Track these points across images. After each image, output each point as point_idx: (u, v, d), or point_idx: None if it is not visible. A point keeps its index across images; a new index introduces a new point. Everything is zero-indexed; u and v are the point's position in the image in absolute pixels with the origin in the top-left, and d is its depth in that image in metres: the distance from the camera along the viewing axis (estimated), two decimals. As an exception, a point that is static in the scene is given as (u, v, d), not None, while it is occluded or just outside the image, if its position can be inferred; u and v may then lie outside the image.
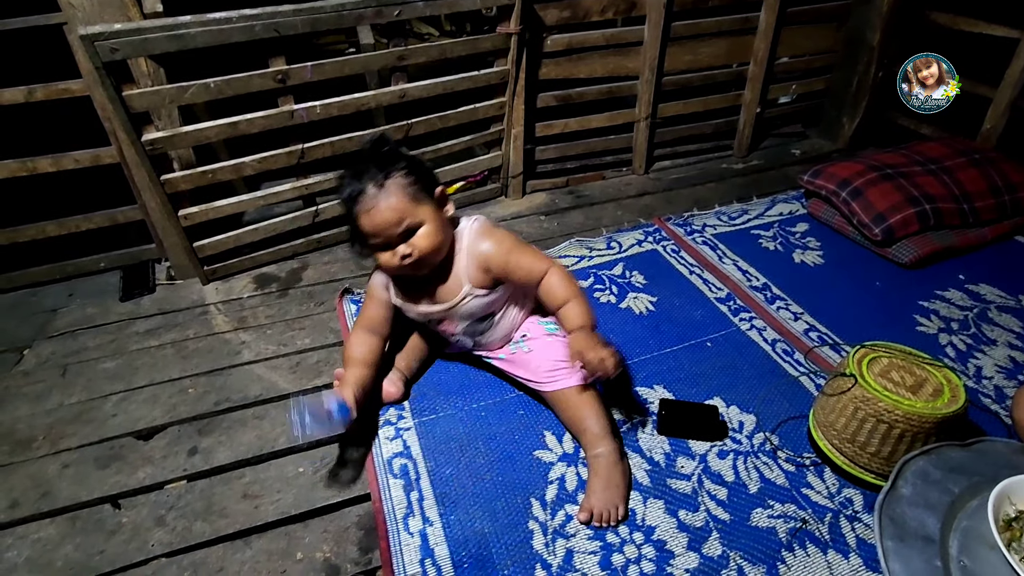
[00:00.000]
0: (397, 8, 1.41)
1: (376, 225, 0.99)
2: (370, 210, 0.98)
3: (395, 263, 1.03)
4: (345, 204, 1.02)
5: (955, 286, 1.53)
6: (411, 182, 1.01)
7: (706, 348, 1.37)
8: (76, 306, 1.63)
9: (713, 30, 1.99)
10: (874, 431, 0.97)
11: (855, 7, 2.08)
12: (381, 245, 1.03)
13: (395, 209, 0.98)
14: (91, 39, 1.14)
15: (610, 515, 0.98)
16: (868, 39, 2.06)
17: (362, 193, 0.98)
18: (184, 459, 1.16)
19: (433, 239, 1.03)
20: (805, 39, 2.13)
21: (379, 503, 1.04)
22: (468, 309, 1.12)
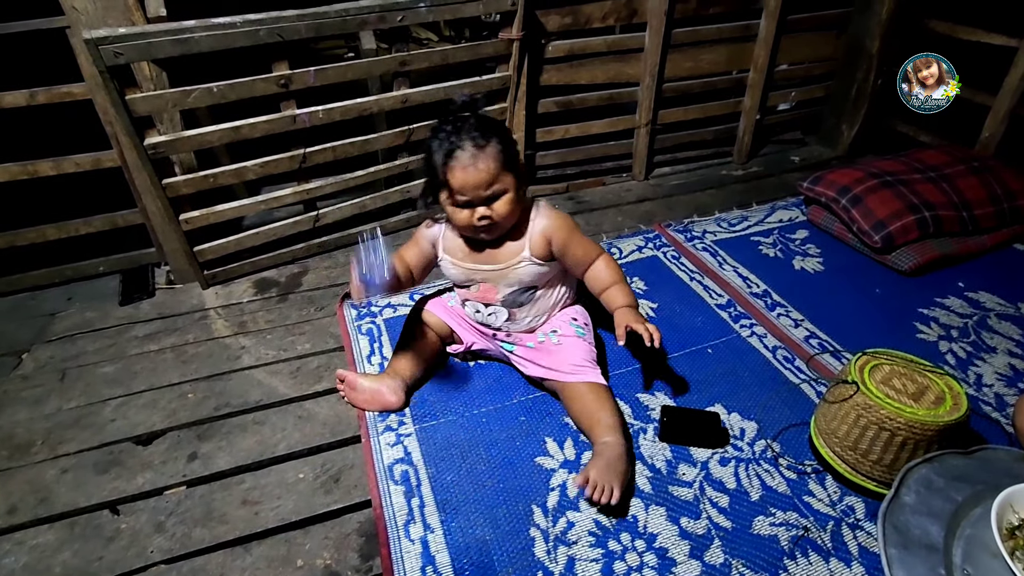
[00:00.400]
0: (400, 13, 1.42)
1: (467, 183, 1.03)
2: (466, 167, 1.03)
3: (471, 223, 1.08)
4: (437, 155, 1.05)
5: (955, 293, 1.54)
6: (506, 150, 1.06)
7: (707, 355, 1.37)
8: (75, 310, 1.63)
9: (714, 37, 2.00)
10: (876, 439, 0.97)
11: (855, 15, 2.10)
12: (462, 203, 1.07)
13: (489, 172, 1.03)
14: (95, 43, 1.14)
15: (603, 490, 0.96)
16: (867, 47, 2.07)
17: (460, 149, 1.02)
18: (184, 464, 1.16)
19: (512, 207, 1.08)
20: (805, 46, 2.14)
21: (380, 510, 1.03)
22: (518, 275, 1.16)
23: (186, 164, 1.53)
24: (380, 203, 1.81)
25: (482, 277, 1.18)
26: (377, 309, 1.55)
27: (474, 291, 1.22)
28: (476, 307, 1.25)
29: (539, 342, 1.23)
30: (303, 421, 1.25)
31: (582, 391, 1.13)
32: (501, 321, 1.24)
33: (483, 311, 1.24)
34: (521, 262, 1.15)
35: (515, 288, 1.19)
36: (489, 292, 1.20)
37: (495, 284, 1.19)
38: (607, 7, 1.82)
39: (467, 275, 1.19)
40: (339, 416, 1.25)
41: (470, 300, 1.24)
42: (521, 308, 1.22)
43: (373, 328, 1.49)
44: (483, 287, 1.20)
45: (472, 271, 1.18)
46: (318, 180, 1.66)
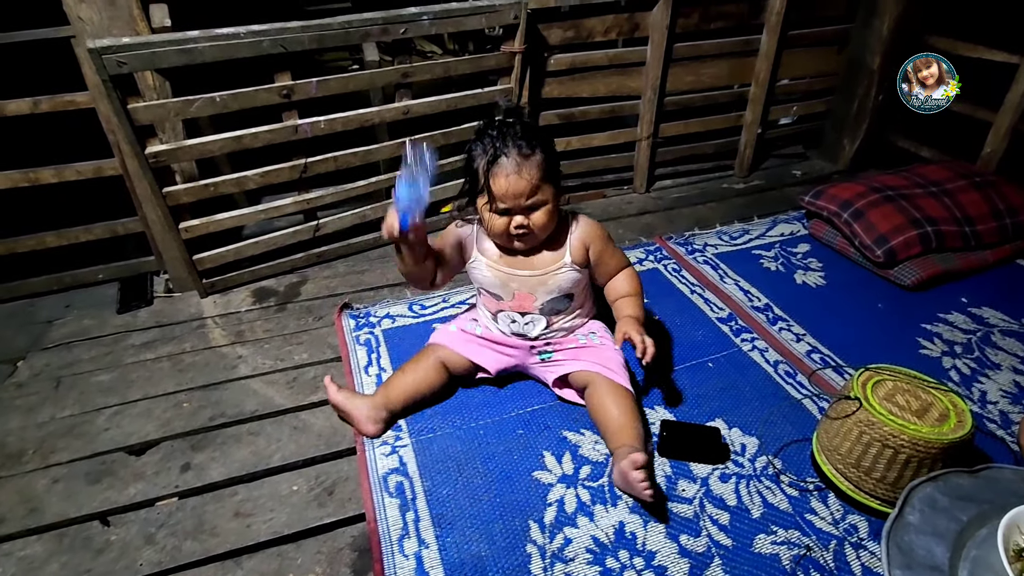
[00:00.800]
0: (403, 26, 1.43)
1: (509, 191, 1.03)
2: (509, 175, 1.02)
3: (507, 231, 1.08)
4: (480, 160, 1.05)
5: (958, 309, 1.52)
6: (549, 161, 1.06)
7: (708, 368, 1.36)
8: (72, 318, 1.62)
9: (715, 52, 2.01)
10: (879, 456, 0.95)
11: (855, 31, 2.11)
12: (501, 210, 1.06)
13: (532, 182, 1.03)
14: (99, 52, 1.14)
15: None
16: (868, 63, 2.08)
17: (505, 156, 1.02)
18: (176, 475, 1.14)
19: (550, 219, 1.09)
20: (806, 61, 2.15)
21: (374, 523, 1.02)
22: (558, 281, 1.16)
23: (187, 173, 1.53)
24: (381, 213, 1.80)
25: (518, 286, 1.17)
26: (376, 319, 1.55)
27: (508, 300, 1.19)
28: (512, 317, 1.21)
29: (580, 343, 1.23)
30: (298, 432, 1.23)
31: (622, 393, 1.13)
32: (539, 330, 1.22)
33: (520, 321, 1.21)
34: (562, 268, 1.16)
35: (554, 295, 1.18)
36: (526, 300, 1.18)
37: (533, 291, 1.17)
38: (609, 21, 1.84)
39: (503, 280, 1.17)
40: (335, 427, 1.24)
41: (504, 311, 1.21)
42: (559, 316, 1.22)
43: (371, 339, 1.48)
44: (519, 296, 1.18)
45: (509, 276, 1.17)
46: (319, 190, 1.66)
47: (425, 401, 1.23)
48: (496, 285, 1.19)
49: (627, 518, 1.02)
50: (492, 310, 1.24)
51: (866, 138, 2.20)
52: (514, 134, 1.04)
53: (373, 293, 1.69)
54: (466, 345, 1.25)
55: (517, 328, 1.23)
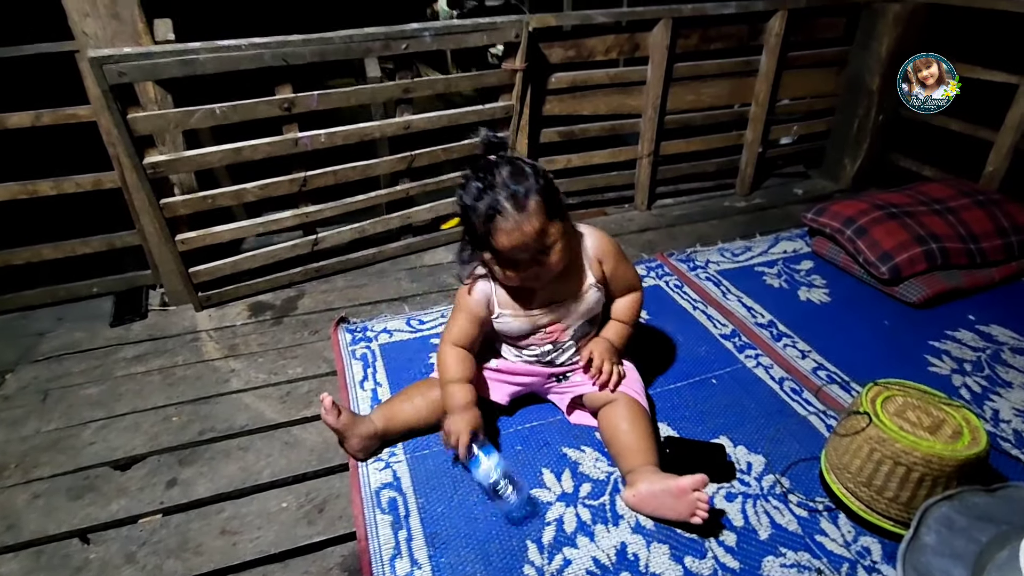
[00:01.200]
0: (405, 42, 1.44)
1: (515, 246, 0.96)
2: (511, 232, 0.94)
3: (518, 279, 1.02)
4: (476, 217, 0.96)
5: (965, 326, 1.49)
6: (548, 200, 0.97)
7: (711, 385, 1.32)
8: (64, 330, 1.60)
9: (715, 72, 2.02)
10: (891, 475, 0.91)
11: (854, 53, 2.13)
12: (507, 262, 1.00)
13: (537, 231, 0.95)
14: (99, 62, 1.14)
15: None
16: (868, 83, 2.09)
17: (500, 213, 0.93)
18: (162, 491, 1.10)
19: (565, 257, 1.02)
20: (806, 82, 2.17)
21: (365, 542, 0.97)
22: (587, 303, 1.13)
23: (186, 186, 1.53)
24: (380, 228, 1.80)
25: (549, 320, 1.12)
26: (373, 334, 1.52)
27: (539, 336, 1.14)
28: (543, 348, 1.16)
29: None
30: (289, 447, 1.19)
31: (642, 413, 1.09)
32: (567, 356, 1.18)
33: (550, 350, 1.16)
34: (589, 289, 1.12)
35: (584, 319, 1.15)
36: (558, 331, 1.14)
37: (564, 322, 1.13)
38: (609, 41, 1.85)
39: (532, 323, 1.11)
40: (327, 443, 1.20)
41: (534, 344, 1.15)
42: (586, 338, 1.18)
43: (368, 353, 1.45)
44: (550, 328, 1.13)
45: (537, 317, 1.11)
46: (318, 204, 1.65)
47: (424, 431, 1.18)
48: (527, 328, 1.12)
49: (629, 538, 0.98)
50: (520, 345, 1.17)
51: (867, 157, 2.20)
52: (503, 182, 0.94)
53: (371, 308, 1.66)
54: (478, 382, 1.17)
55: (545, 357, 1.18)
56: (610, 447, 1.11)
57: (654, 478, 0.99)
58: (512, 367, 1.20)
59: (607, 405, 1.13)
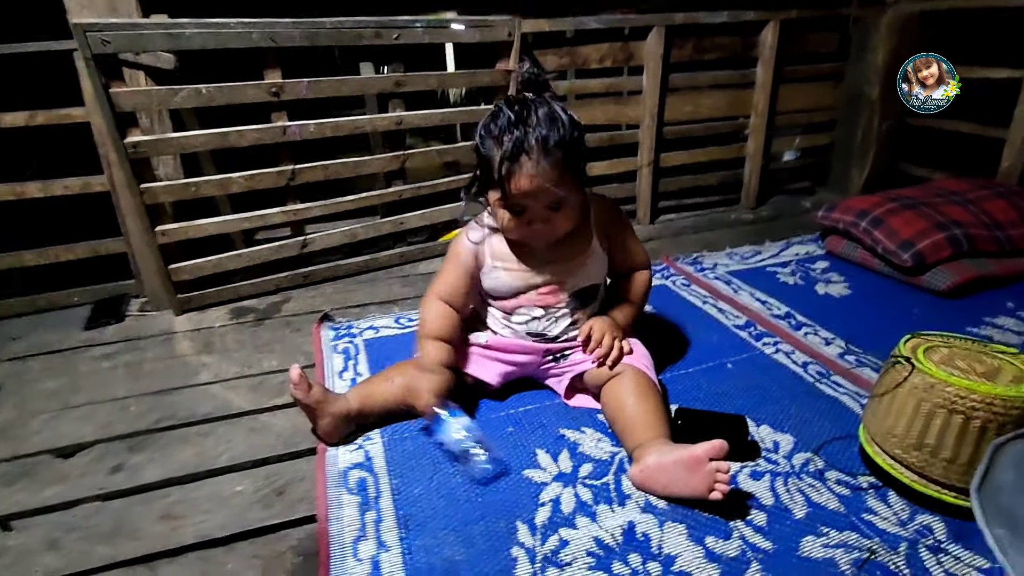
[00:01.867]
0: (397, 31, 1.44)
1: (527, 192, 0.90)
2: (530, 175, 0.88)
3: (521, 230, 0.96)
4: (495, 150, 0.89)
5: (1006, 313, 1.36)
6: (575, 156, 0.92)
7: (727, 369, 1.19)
8: (36, 335, 1.51)
9: (711, 83, 2.02)
10: (947, 428, 0.77)
11: (850, 67, 2.13)
12: (516, 210, 0.93)
13: (553, 181, 0.89)
14: (83, 29, 1.14)
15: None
16: (867, 93, 2.07)
17: (525, 153, 0.87)
18: (104, 477, 0.97)
19: (573, 220, 0.97)
20: (804, 96, 2.16)
21: (326, 523, 0.83)
22: (585, 270, 1.05)
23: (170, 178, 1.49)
24: (373, 232, 1.73)
25: (544, 279, 1.03)
26: (358, 331, 1.41)
27: (532, 296, 1.05)
28: (532, 313, 1.06)
29: None
30: (254, 433, 1.07)
31: (652, 385, 0.98)
32: (563, 327, 1.07)
33: (541, 317, 1.06)
34: (590, 255, 1.04)
35: (583, 285, 1.05)
36: (553, 294, 1.04)
37: (560, 284, 1.04)
38: (604, 49, 1.87)
39: (525, 281, 1.03)
40: (296, 428, 1.07)
41: (524, 307, 1.05)
42: (586, 309, 1.08)
43: (350, 347, 1.34)
44: (544, 289, 1.04)
45: (532, 275, 1.03)
46: (307, 202, 1.60)
47: (404, 414, 1.05)
48: (518, 286, 1.04)
49: (638, 518, 0.82)
50: (508, 308, 1.07)
51: (874, 166, 2.15)
52: (537, 122, 0.88)
53: (359, 310, 1.57)
54: (463, 357, 1.08)
55: (537, 327, 1.06)
56: (614, 424, 0.97)
57: (664, 449, 0.85)
58: (503, 343, 1.08)
59: (611, 380, 1.00)
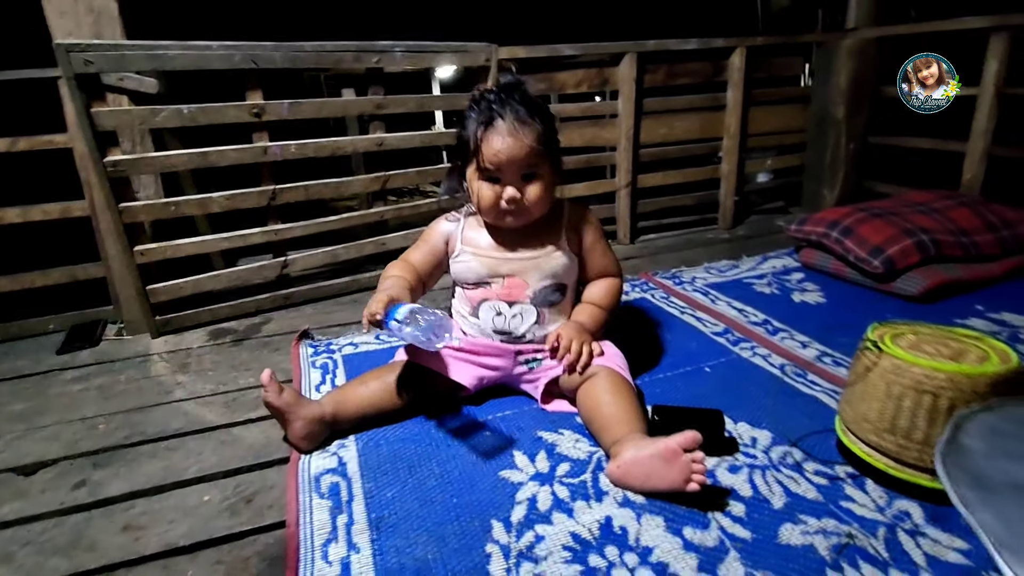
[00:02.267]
0: (376, 55, 1.49)
1: (502, 153, 0.95)
2: (504, 137, 0.95)
3: (498, 202, 0.99)
4: (473, 123, 0.97)
5: (975, 315, 1.38)
6: (549, 133, 1.00)
7: (704, 373, 1.19)
8: (7, 361, 1.48)
9: (684, 106, 2.10)
10: (917, 409, 0.78)
11: (816, 89, 2.22)
12: (492, 176, 0.98)
13: (527, 148, 0.96)
14: (66, 49, 1.16)
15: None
16: (834, 114, 2.16)
17: (501, 118, 0.95)
18: (65, 493, 0.94)
19: (544, 194, 1.01)
20: (774, 117, 2.24)
21: (295, 527, 0.80)
22: (552, 266, 1.06)
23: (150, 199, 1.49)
24: (354, 253, 1.74)
25: (509, 269, 1.06)
26: (336, 347, 1.40)
27: (497, 288, 1.06)
28: (497, 308, 1.07)
29: None
30: (225, 446, 1.04)
31: (626, 384, 0.99)
32: (528, 325, 1.07)
33: (506, 313, 1.06)
34: (557, 251, 1.07)
35: (548, 283, 1.06)
36: (517, 288, 1.06)
37: (525, 277, 1.05)
38: (579, 75, 1.94)
39: (491, 268, 1.06)
40: (269, 439, 1.05)
41: (490, 300, 1.07)
42: (551, 309, 1.08)
43: (329, 362, 1.32)
44: (509, 282, 1.06)
45: (498, 263, 1.06)
46: (289, 223, 1.61)
47: (381, 419, 1.04)
48: (483, 274, 1.06)
49: (616, 512, 0.81)
50: (474, 302, 1.08)
51: (844, 186, 2.21)
52: (514, 99, 0.97)
53: (339, 328, 1.56)
54: (437, 358, 1.07)
55: (503, 323, 1.07)
56: (591, 424, 0.96)
57: (641, 443, 0.84)
58: (475, 344, 1.08)
59: (586, 381, 1.00)
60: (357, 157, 1.69)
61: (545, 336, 1.07)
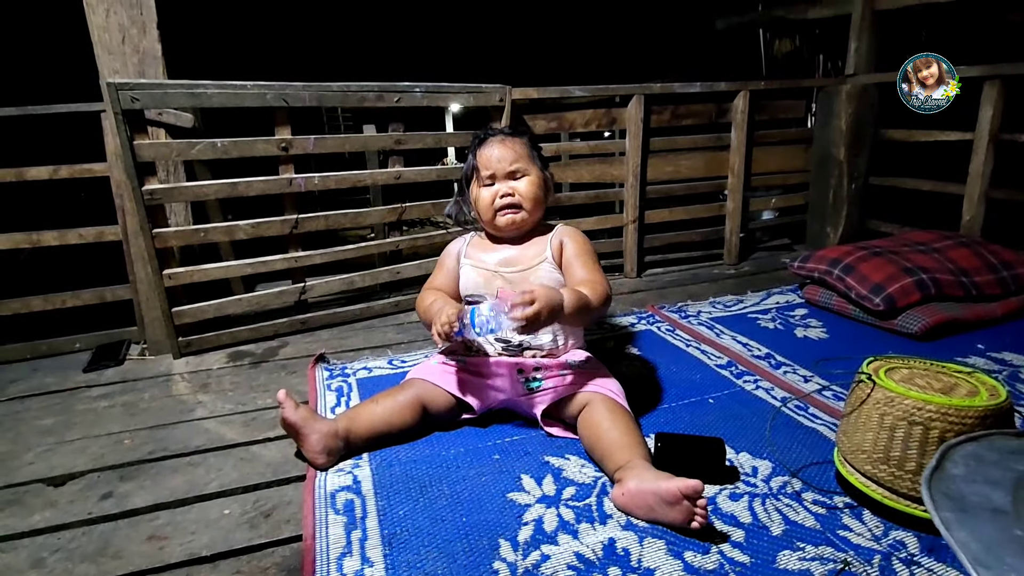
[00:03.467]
0: (397, 95, 1.58)
1: (491, 156, 1.16)
2: (494, 145, 1.17)
3: (494, 202, 1.15)
4: (473, 145, 1.21)
5: (976, 354, 1.41)
6: (533, 147, 1.22)
7: (708, 404, 1.23)
8: (36, 378, 1.54)
9: (689, 145, 2.18)
10: (908, 439, 0.81)
11: (817, 131, 2.30)
12: (487, 180, 1.16)
13: (512, 149, 1.17)
14: (116, 87, 1.26)
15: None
16: (835, 155, 2.23)
17: (492, 135, 1.19)
18: (93, 503, 0.98)
19: (533, 190, 1.17)
20: (777, 157, 2.31)
21: (311, 540, 0.84)
22: (539, 276, 1.16)
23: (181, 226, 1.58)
24: (370, 281, 1.81)
25: (502, 282, 1.17)
26: (351, 371, 1.45)
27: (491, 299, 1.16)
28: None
29: (570, 368, 1.12)
30: (244, 462, 1.08)
31: (622, 412, 1.03)
32: (515, 343, 1.14)
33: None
34: (542, 263, 1.17)
35: None
36: (508, 297, 1.12)
37: (517, 288, 1.11)
38: (588, 115, 2.03)
39: (487, 279, 1.18)
40: (286, 458, 1.09)
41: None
42: None
43: (343, 385, 1.37)
44: (502, 293, 1.12)
45: (492, 275, 1.18)
46: (308, 251, 1.68)
47: (392, 438, 1.09)
48: (480, 285, 1.18)
49: (619, 534, 0.84)
50: None
51: (847, 225, 2.27)
52: (506, 127, 1.25)
53: (354, 354, 1.61)
54: (447, 376, 1.14)
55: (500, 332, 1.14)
56: (593, 451, 1.00)
57: (645, 475, 0.87)
58: (479, 364, 1.15)
59: (584, 410, 1.04)
60: (375, 189, 1.77)
61: (541, 344, 1.14)
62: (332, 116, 2.94)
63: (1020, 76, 1.76)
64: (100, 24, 1.40)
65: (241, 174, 1.53)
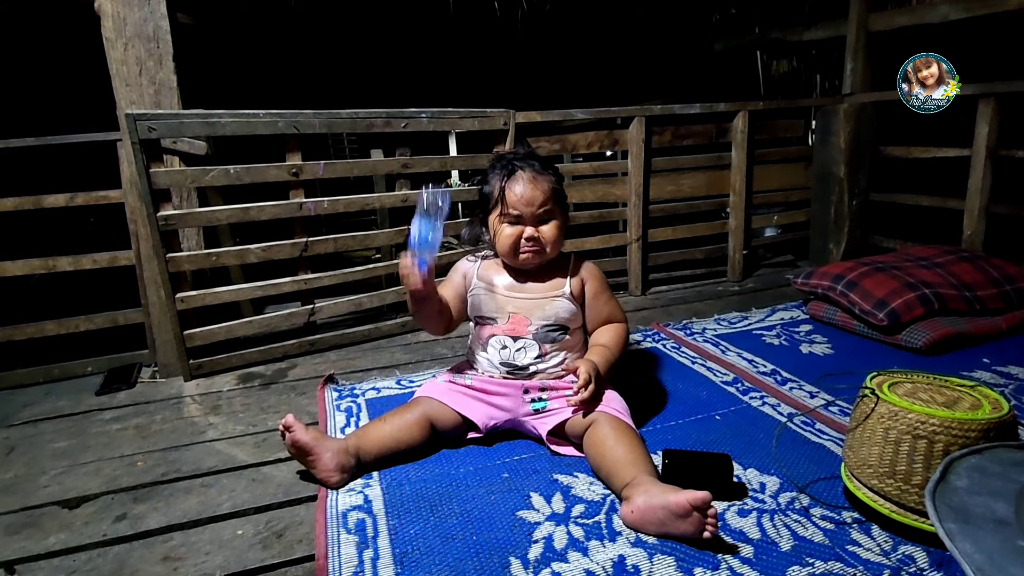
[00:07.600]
0: (404, 120, 1.63)
1: (523, 197, 1.13)
2: (524, 184, 1.13)
3: (518, 241, 1.14)
4: (497, 176, 1.16)
5: (982, 368, 1.42)
6: (559, 187, 1.18)
7: (715, 421, 1.24)
8: (49, 401, 1.56)
9: (691, 165, 2.21)
10: (914, 453, 0.82)
11: (817, 148, 2.33)
12: (514, 219, 1.14)
13: (544, 192, 1.14)
14: (134, 118, 1.31)
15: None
16: (836, 172, 2.25)
17: (522, 170, 1.15)
18: (108, 525, 1.00)
19: (557, 235, 1.17)
20: (778, 175, 2.34)
21: (324, 560, 0.85)
22: (555, 308, 1.18)
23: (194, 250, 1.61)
24: (377, 302, 1.83)
25: (515, 308, 1.18)
26: (360, 391, 1.47)
27: (503, 324, 1.18)
28: (503, 342, 1.18)
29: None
30: (256, 483, 1.10)
31: (629, 430, 1.04)
32: (531, 358, 1.17)
33: (511, 347, 1.17)
34: (559, 296, 1.18)
35: (549, 323, 1.17)
36: (521, 324, 1.17)
37: (528, 315, 1.17)
38: (590, 137, 2.07)
39: (499, 304, 1.19)
40: (298, 479, 1.10)
41: (497, 335, 1.18)
42: (552, 345, 1.18)
43: (353, 406, 1.39)
44: (514, 318, 1.18)
45: (506, 300, 1.19)
46: (317, 273, 1.71)
47: (402, 455, 1.10)
48: (492, 308, 1.19)
49: (628, 551, 0.84)
50: (484, 337, 1.20)
51: (850, 241, 2.28)
52: (531, 158, 1.18)
53: (362, 374, 1.63)
54: (453, 395, 1.15)
55: (508, 356, 1.17)
56: (599, 470, 1.01)
57: (653, 490, 0.88)
58: (484, 383, 1.16)
59: (589, 429, 1.05)
60: (383, 211, 1.81)
61: (547, 369, 1.16)
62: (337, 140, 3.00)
63: (1014, 93, 1.79)
64: (119, 58, 1.45)
65: (249, 198, 1.57)
